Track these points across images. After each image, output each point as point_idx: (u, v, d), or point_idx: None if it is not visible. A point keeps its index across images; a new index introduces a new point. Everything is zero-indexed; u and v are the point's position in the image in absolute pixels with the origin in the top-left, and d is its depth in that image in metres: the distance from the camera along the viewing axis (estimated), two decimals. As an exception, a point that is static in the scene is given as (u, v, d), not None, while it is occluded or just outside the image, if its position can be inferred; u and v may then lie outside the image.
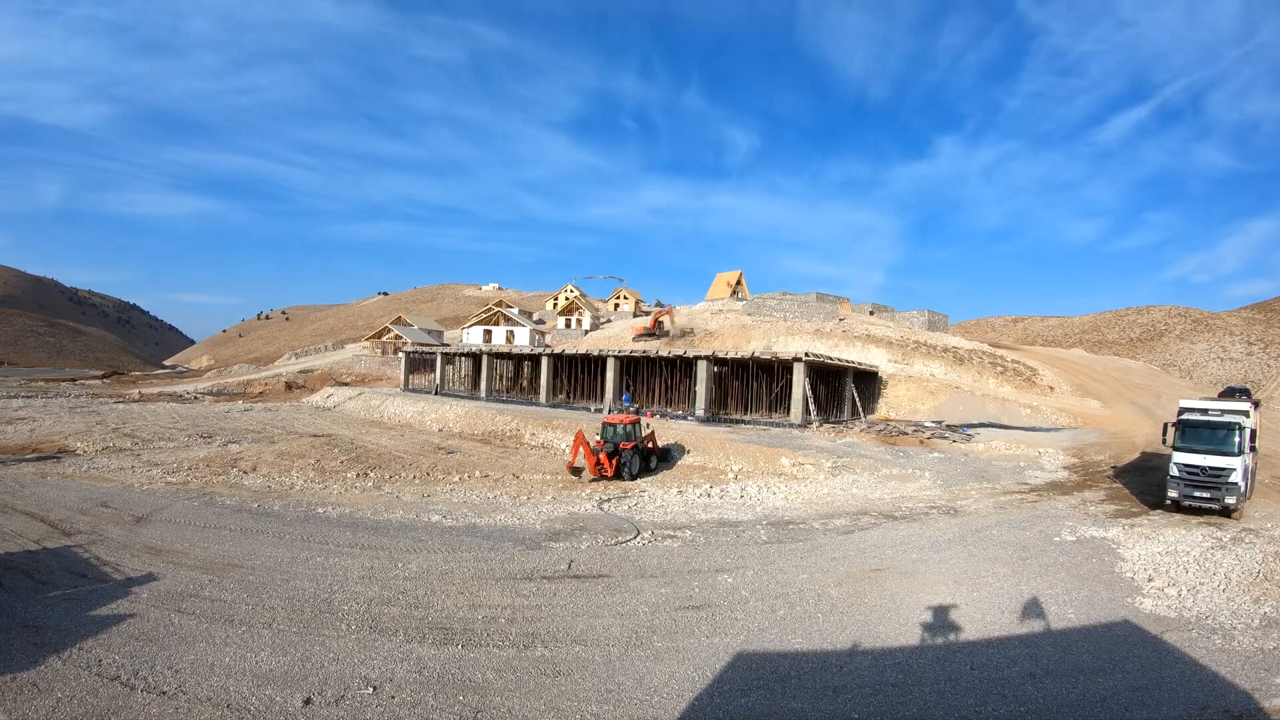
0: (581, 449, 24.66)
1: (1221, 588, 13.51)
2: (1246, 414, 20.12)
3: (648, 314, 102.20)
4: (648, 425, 30.34)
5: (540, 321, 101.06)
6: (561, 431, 34.17)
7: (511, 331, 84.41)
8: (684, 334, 69.96)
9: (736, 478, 25.38)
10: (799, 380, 37.25)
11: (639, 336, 71.58)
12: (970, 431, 35.65)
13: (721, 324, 71.37)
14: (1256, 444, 20.91)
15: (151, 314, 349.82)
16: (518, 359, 56.35)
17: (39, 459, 25.27)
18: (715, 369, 40.54)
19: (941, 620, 12.14)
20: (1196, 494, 19.13)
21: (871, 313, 74.58)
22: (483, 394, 51.80)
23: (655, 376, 44.76)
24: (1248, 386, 63.09)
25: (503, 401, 49.32)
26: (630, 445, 25.09)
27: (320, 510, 19.01)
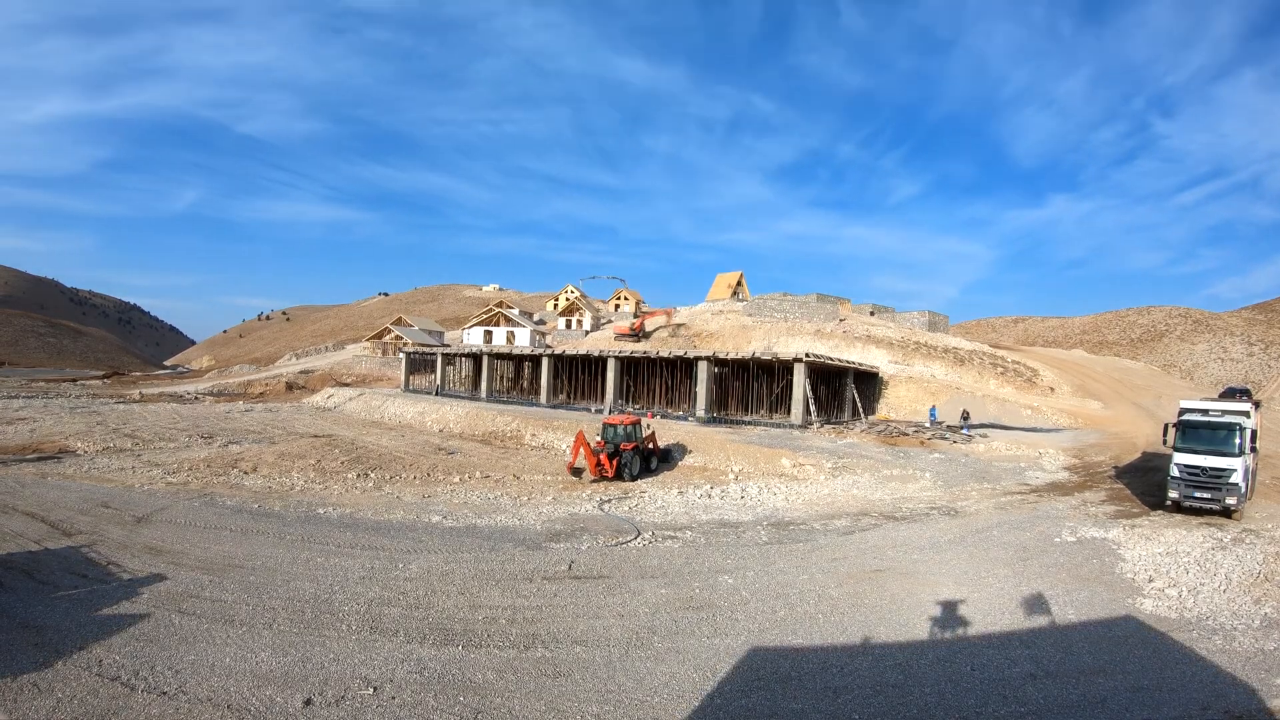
0: (582, 450, 24.65)
1: (1222, 588, 13.50)
2: (1247, 414, 20.12)
3: (649, 315, 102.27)
4: (648, 426, 30.34)
5: (541, 322, 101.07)
6: (562, 432, 34.16)
7: (512, 332, 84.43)
8: (675, 332, 69.91)
9: (737, 478, 25.37)
10: (799, 381, 37.24)
11: (621, 337, 72.20)
12: (970, 432, 35.63)
13: (722, 325, 71.37)
14: (1257, 444, 20.90)
15: (152, 314, 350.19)
16: (518, 360, 56.36)
17: (39, 459, 25.28)
18: (716, 370, 40.53)
19: (942, 621, 12.14)
20: (1197, 494, 19.12)
21: (872, 313, 74.59)
22: (483, 395, 51.82)
23: (656, 377, 44.76)
24: (1248, 387, 63.04)
25: (503, 402, 49.33)
26: (631, 446, 25.09)
27: (321, 511, 19.01)
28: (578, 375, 48.58)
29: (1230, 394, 34.63)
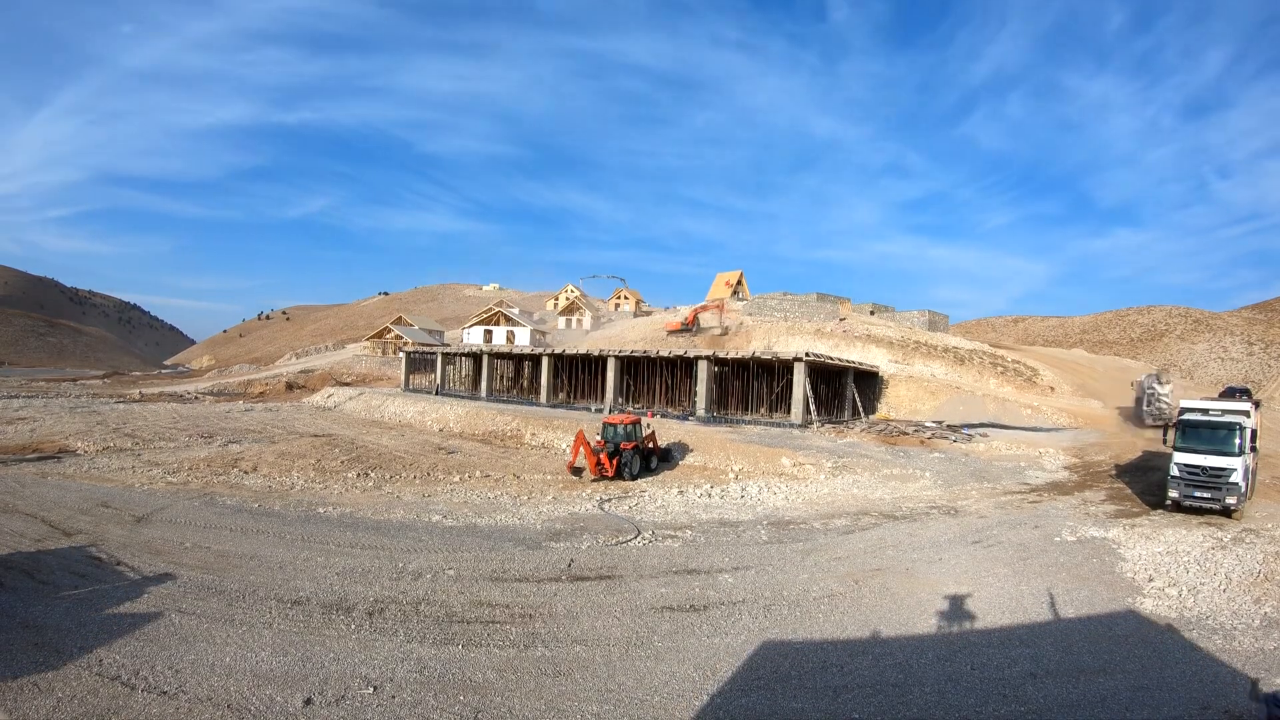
0: (582, 449, 24.65)
1: (1222, 588, 13.51)
2: (1247, 414, 20.11)
3: (649, 314, 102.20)
4: (648, 425, 30.34)
5: (541, 321, 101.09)
6: (562, 431, 34.17)
7: (512, 331, 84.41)
8: (724, 332, 66.83)
9: (737, 478, 25.37)
10: (799, 380, 37.24)
11: (673, 333, 69.38)
12: (970, 432, 35.63)
13: (720, 321, 71.30)
14: (1257, 444, 20.90)
15: (152, 314, 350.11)
16: (518, 359, 56.36)
17: (39, 459, 25.28)
18: (716, 369, 40.53)
19: (942, 620, 12.14)
20: (1197, 494, 19.12)
21: (872, 313, 74.54)
22: (483, 394, 51.81)
23: (656, 376, 44.75)
24: (1248, 386, 63.00)
25: (503, 401, 49.33)
26: (631, 445, 25.09)
27: (321, 510, 19.01)
28: (578, 375, 48.57)
29: (1230, 393, 34.58)
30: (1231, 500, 18.64)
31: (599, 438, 25.28)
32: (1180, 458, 19.61)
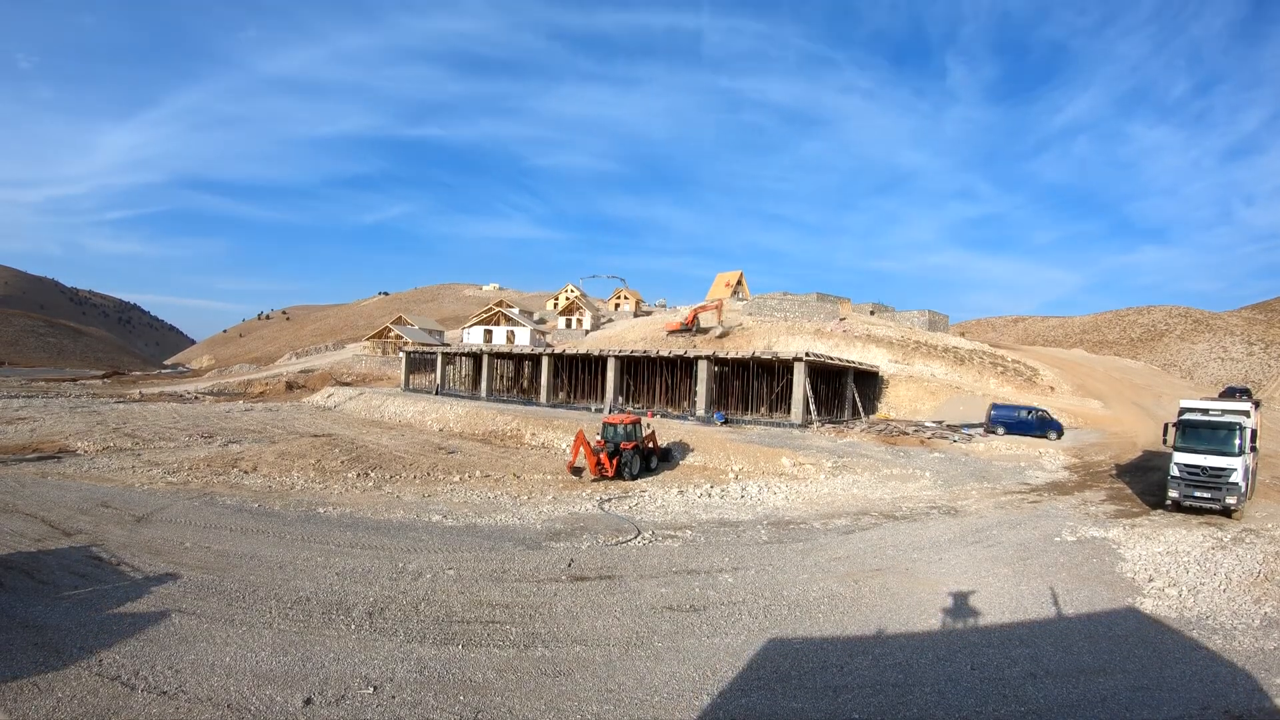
0: (582, 449, 24.65)
1: (1222, 588, 13.51)
2: (1247, 414, 20.12)
3: (649, 314, 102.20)
4: (648, 425, 30.34)
5: (541, 321, 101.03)
6: (562, 431, 34.16)
7: (512, 331, 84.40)
8: (725, 333, 66.59)
9: (737, 478, 25.37)
10: (799, 380, 37.24)
11: (673, 333, 69.19)
12: (970, 431, 35.64)
13: (719, 319, 71.29)
14: (1257, 444, 20.90)
15: (151, 314, 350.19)
16: (518, 359, 56.36)
17: (39, 459, 25.28)
18: (716, 369, 40.53)
19: (942, 620, 12.14)
20: (1197, 494, 19.13)
21: (872, 313, 74.53)
22: (483, 394, 51.82)
23: (656, 376, 44.75)
24: (1248, 386, 62.99)
25: (503, 401, 49.33)
26: (631, 445, 25.09)
27: (321, 510, 19.01)
28: (578, 374, 48.57)
29: (1230, 393, 34.57)
30: (1231, 500, 18.64)
31: (599, 438, 25.28)
32: (1180, 458, 19.62)
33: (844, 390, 44.69)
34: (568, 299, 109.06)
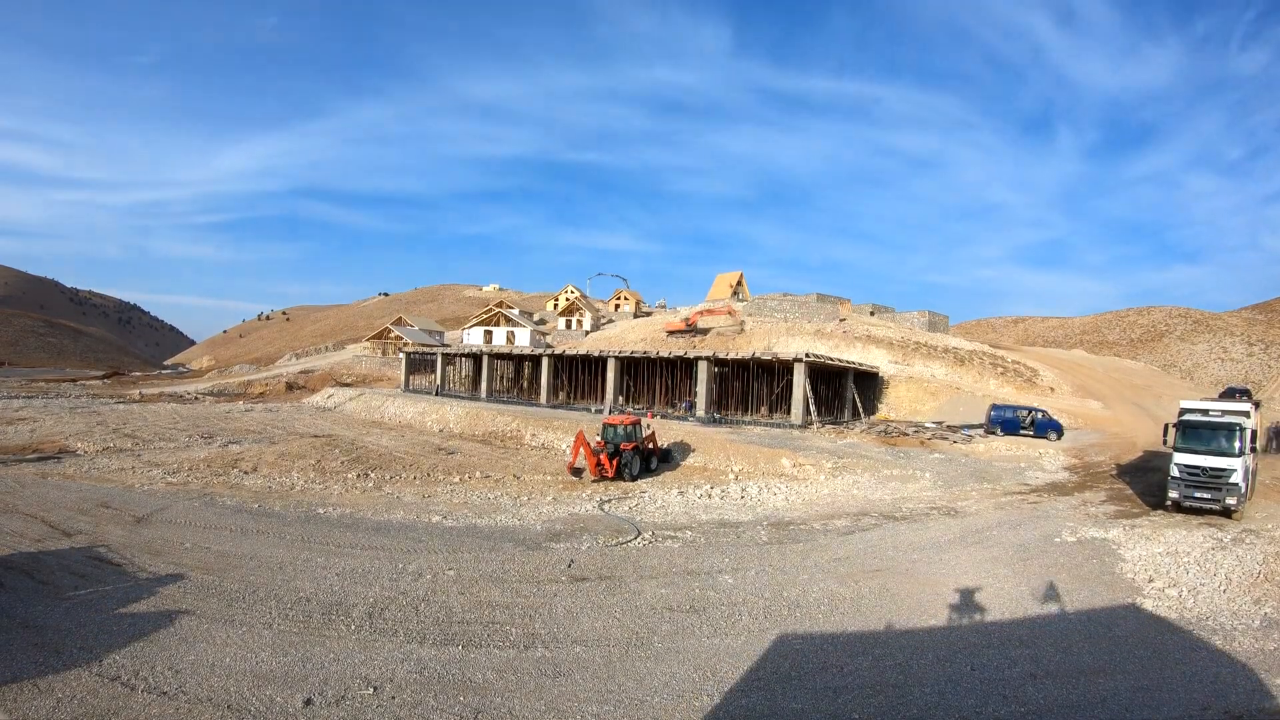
0: (582, 450, 24.65)
1: (1222, 588, 13.50)
2: (1247, 415, 20.11)
3: (649, 314, 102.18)
4: (648, 426, 30.34)
5: (541, 322, 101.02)
6: (562, 432, 34.17)
7: (512, 332, 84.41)
8: (741, 328, 66.69)
9: (737, 478, 25.37)
10: (799, 381, 37.25)
11: (674, 333, 69.72)
12: (970, 432, 35.65)
13: (735, 322, 71.26)
14: (1257, 445, 20.89)
15: (152, 314, 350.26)
16: (518, 359, 56.36)
17: (40, 459, 25.29)
18: (716, 369, 40.52)
19: (941, 621, 12.14)
20: (1197, 495, 19.12)
21: (872, 313, 74.54)
22: (483, 394, 51.82)
23: (656, 377, 44.76)
24: (1248, 387, 62.97)
25: (503, 402, 49.33)
26: (631, 446, 25.09)
27: (321, 511, 19.01)
28: (578, 375, 48.58)
29: (1230, 394, 34.55)
30: (1231, 501, 18.64)
31: (599, 438, 25.28)
32: (1180, 458, 19.61)
33: (844, 391, 44.69)
34: (568, 299, 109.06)
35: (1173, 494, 19.58)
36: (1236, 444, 19.05)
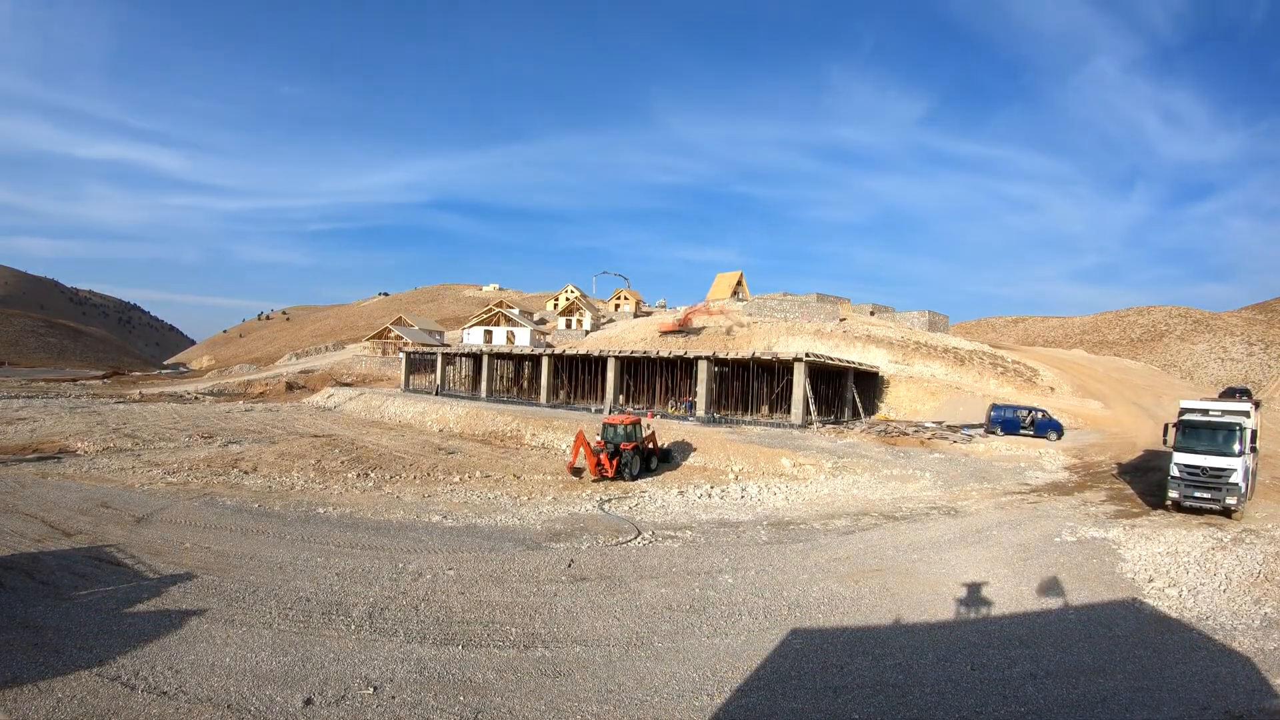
0: (582, 449, 24.65)
1: (1222, 588, 13.50)
2: (1247, 414, 20.10)
3: (649, 314, 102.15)
4: (648, 426, 30.34)
5: (541, 322, 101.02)
6: (562, 432, 34.16)
7: (512, 332, 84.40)
8: (729, 330, 67.47)
9: (737, 478, 25.38)
10: (799, 381, 37.24)
11: (666, 333, 70.25)
12: (970, 432, 35.65)
13: (722, 324, 71.32)
14: (1257, 444, 20.89)
15: (152, 314, 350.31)
16: (518, 359, 56.36)
17: (40, 459, 25.29)
18: (716, 369, 40.52)
19: (941, 621, 12.14)
20: (1197, 494, 19.12)
21: (872, 313, 74.55)
22: (483, 394, 51.81)
23: (656, 377, 44.76)
24: (1248, 387, 62.98)
25: (503, 402, 49.32)
26: (631, 446, 25.09)
27: (321, 510, 19.01)
28: (578, 375, 48.58)
29: (1230, 394, 34.53)
30: (1231, 501, 18.63)
31: (599, 438, 25.28)
32: (1180, 458, 19.60)
33: (844, 391, 44.68)
34: (568, 299, 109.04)
35: (1173, 494, 19.58)
36: (1236, 444, 19.05)
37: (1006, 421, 35.73)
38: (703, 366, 39.06)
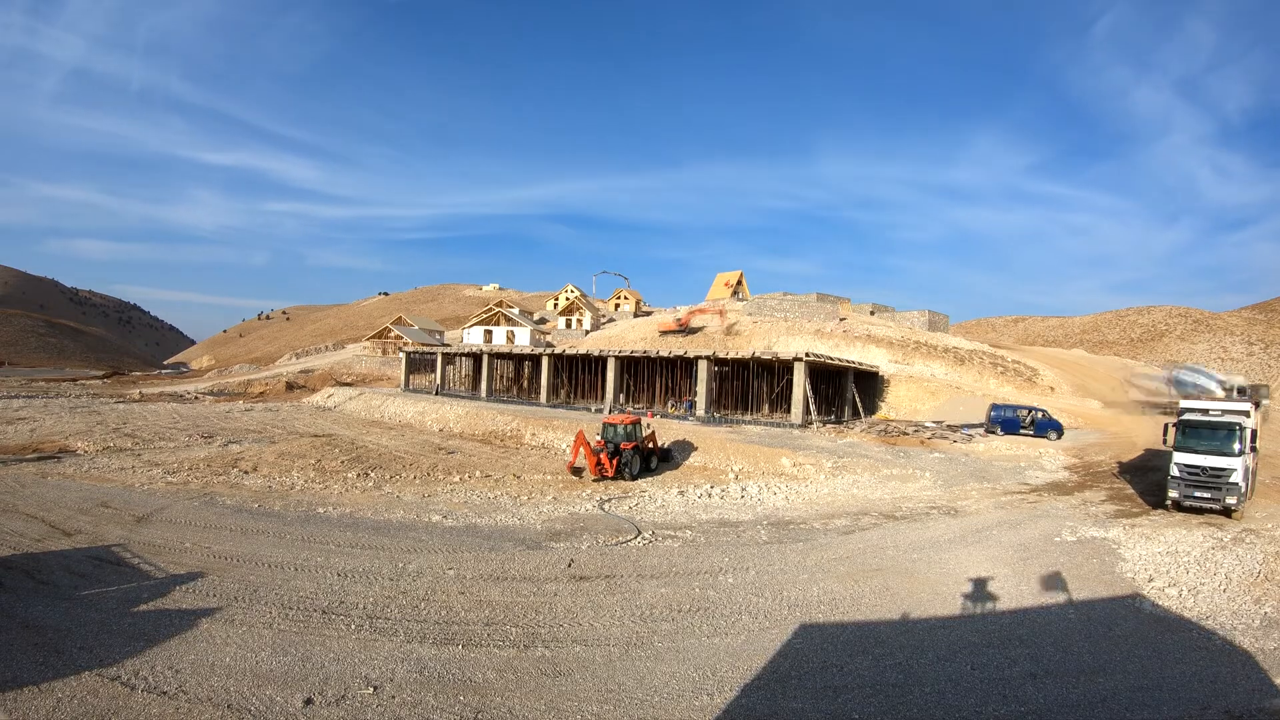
0: (582, 449, 24.65)
1: (1222, 588, 13.50)
2: (1247, 414, 20.11)
3: (649, 314, 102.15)
4: (648, 425, 30.34)
5: (541, 321, 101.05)
6: (562, 432, 34.17)
7: (512, 332, 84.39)
8: (729, 330, 67.90)
9: (737, 478, 25.38)
10: (799, 380, 37.24)
11: (666, 333, 70.75)
12: (970, 432, 35.64)
13: (722, 324, 71.34)
14: (1257, 444, 20.89)
15: (152, 314, 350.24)
16: (518, 359, 56.36)
17: (40, 459, 25.29)
18: (716, 369, 40.52)
19: (941, 621, 12.14)
20: (1197, 494, 19.12)
21: (872, 313, 74.55)
22: (483, 394, 51.81)
23: (656, 376, 44.76)
24: (1254, 385, 62.79)
25: (503, 402, 49.33)
26: (631, 445, 25.08)
27: (321, 510, 19.01)
28: (578, 375, 48.59)
29: (1240, 391, 34.44)
30: (1231, 500, 18.63)
31: (599, 438, 25.27)
32: (1180, 458, 19.60)
33: (844, 390, 44.68)
34: (568, 299, 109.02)
35: (1173, 493, 19.58)
36: (1236, 443, 19.05)
37: (1006, 421, 35.75)
38: (703, 366, 39.06)
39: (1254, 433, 20.13)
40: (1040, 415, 35.72)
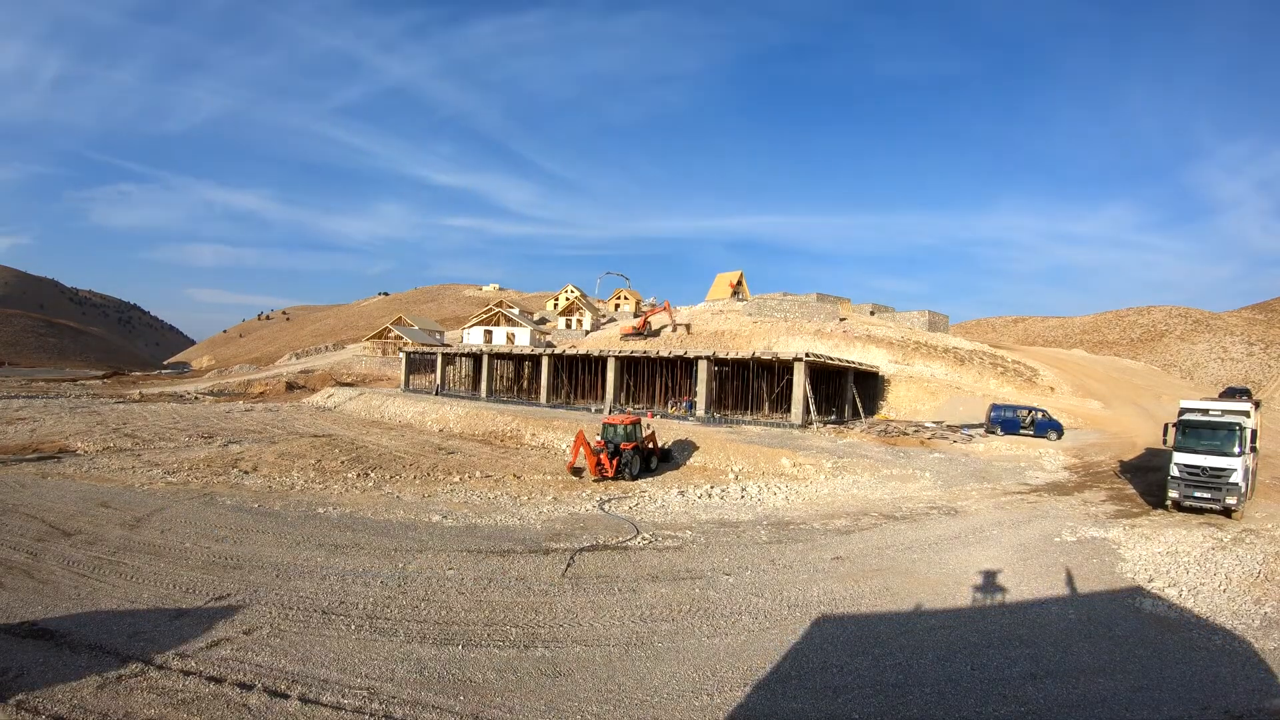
0: (582, 449, 24.65)
1: (1222, 588, 13.51)
2: (1247, 414, 20.12)
3: (653, 312, 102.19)
4: (648, 425, 30.34)
5: (541, 322, 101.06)
6: (562, 432, 34.17)
7: (512, 332, 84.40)
8: (686, 328, 69.32)
9: (737, 478, 25.38)
10: (799, 380, 37.24)
11: (627, 336, 71.57)
12: (970, 432, 35.65)
13: (722, 324, 71.33)
14: (1257, 444, 20.90)
15: (152, 314, 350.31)
16: (518, 359, 56.36)
17: (39, 459, 25.28)
18: (716, 369, 40.52)
19: (941, 621, 12.14)
20: (1197, 494, 19.13)
21: (872, 313, 74.55)
22: (483, 394, 51.81)
23: (656, 376, 44.76)
24: (1248, 387, 62.99)
25: (503, 402, 49.33)
26: (631, 445, 25.08)
27: (321, 510, 19.01)
28: (578, 375, 48.59)
29: (1230, 394, 34.54)
30: (1231, 500, 18.64)
31: (599, 438, 25.27)
32: (1180, 458, 19.61)
33: (844, 390, 44.69)
34: (568, 299, 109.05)
35: (1173, 493, 19.59)
36: (1236, 444, 19.06)
37: (1006, 421, 35.77)
38: (703, 366, 39.07)
39: (1254, 433, 20.15)
40: (1040, 415, 35.73)
